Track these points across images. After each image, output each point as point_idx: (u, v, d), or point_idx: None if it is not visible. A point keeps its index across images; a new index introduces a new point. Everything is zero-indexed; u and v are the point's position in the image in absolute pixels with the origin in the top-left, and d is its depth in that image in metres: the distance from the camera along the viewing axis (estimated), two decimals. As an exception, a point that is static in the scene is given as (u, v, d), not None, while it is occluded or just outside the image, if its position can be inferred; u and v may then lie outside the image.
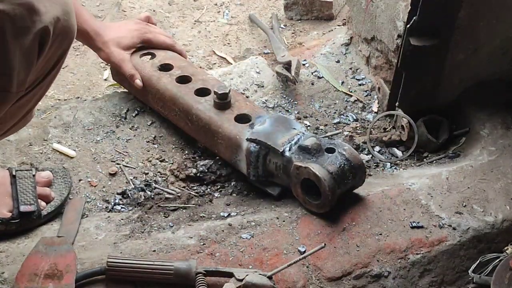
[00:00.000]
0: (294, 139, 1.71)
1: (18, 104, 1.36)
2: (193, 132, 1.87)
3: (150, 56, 2.00)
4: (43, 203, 1.68)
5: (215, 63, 2.47)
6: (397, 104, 1.95)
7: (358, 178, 1.69)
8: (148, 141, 1.93)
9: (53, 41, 1.31)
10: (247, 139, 1.72)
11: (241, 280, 1.47)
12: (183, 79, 1.91)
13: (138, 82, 1.92)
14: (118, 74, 2.02)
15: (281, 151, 1.68)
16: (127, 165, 1.86)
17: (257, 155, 1.71)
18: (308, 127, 2.01)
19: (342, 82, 2.19)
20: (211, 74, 2.03)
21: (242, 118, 1.79)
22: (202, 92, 1.87)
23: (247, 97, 2.07)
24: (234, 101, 1.83)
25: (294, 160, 1.66)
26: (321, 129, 2.03)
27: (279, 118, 1.79)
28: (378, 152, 1.97)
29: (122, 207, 1.75)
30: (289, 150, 1.68)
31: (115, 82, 2.31)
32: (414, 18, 1.80)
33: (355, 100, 2.13)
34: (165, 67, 1.96)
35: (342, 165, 1.65)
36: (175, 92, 1.87)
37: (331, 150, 1.69)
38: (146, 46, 2.01)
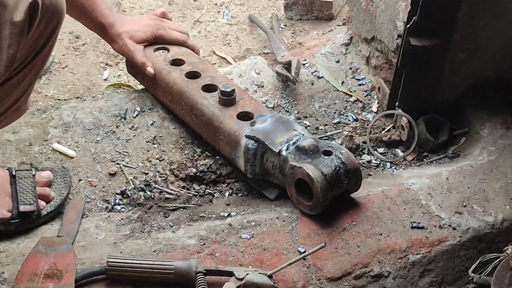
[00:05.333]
0: (292, 139, 1.70)
1: (7, 86, 1.36)
2: (197, 127, 1.88)
3: (165, 51, 2.02)
4: (42, 203, 1.68)
5: (215, 63, 2.47)
6: (397, 104, 1.95)
7: (353, 183, 1.68)
8: (148, 141, 1.92)
9: (42, 15, 1.31)
10: (246, 136, 1.73)
11: (241, 279, 1.47)
12: (192, 75, 1.93)
13: (150, 69, 1.94)
14: (132, 67, 2.03)
15: (277, 150, 1.68)
16: (127, 165, 1.86)
17: (254, 153, 1.71)
18: (308, 127, 2.01)
19: (342, 82, 2.19)
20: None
21: (244, 116, 1.80)
22: (209, 88, 1.88)
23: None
24: (239, 99, 1.84)
25: (290, 160, 1.66)
26: (321, 129, 2.03)
27: (281, 118, 1.79)
28: (379, 152, 1.97)
29: (122, 207, 1.75)
30: (286, 149, 1.68)
31: (115, 82, 2.31)
32: (414, 18, 1.80)
33: (355, 100, 2.13)
34: (177, 62, 1.97)
35: (337, 168, 1.64)
36: (183, 86, 1.88)
37: (328, 153, 1.68)
38: (159, 42, 2.02)
